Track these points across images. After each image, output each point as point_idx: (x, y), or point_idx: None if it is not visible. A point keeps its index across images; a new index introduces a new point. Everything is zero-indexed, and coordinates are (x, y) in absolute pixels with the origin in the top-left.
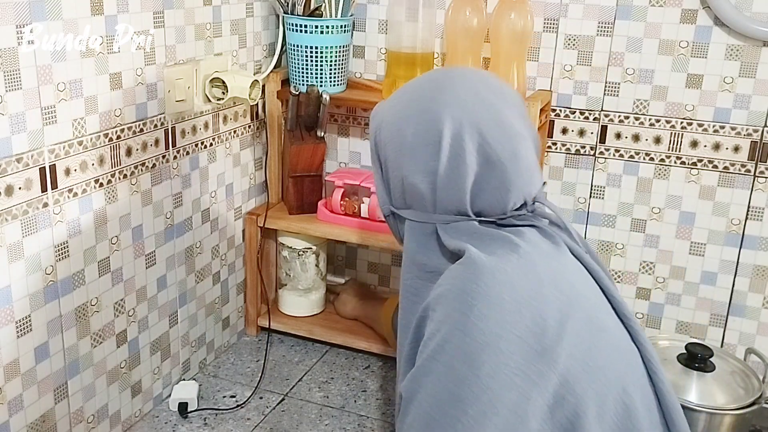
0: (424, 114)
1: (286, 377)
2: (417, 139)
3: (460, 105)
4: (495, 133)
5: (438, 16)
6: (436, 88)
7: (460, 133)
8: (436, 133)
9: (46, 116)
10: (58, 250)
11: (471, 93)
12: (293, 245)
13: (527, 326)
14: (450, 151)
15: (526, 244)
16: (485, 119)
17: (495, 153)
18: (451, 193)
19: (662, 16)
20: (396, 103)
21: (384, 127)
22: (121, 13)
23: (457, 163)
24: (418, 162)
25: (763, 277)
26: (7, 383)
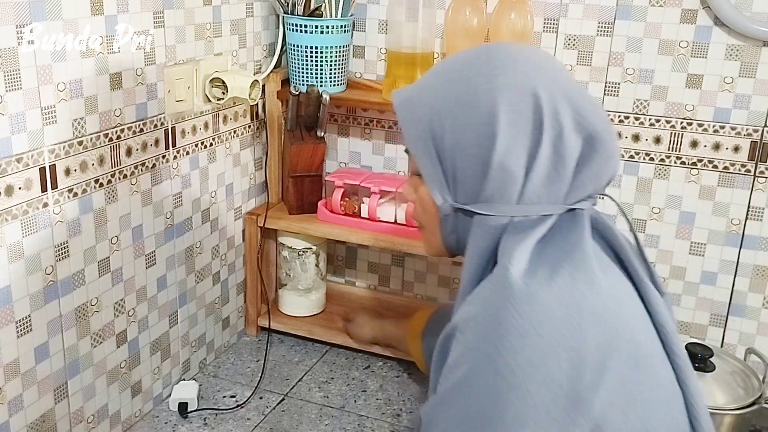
0: (514, 88)
1: (286, 377)
2: (513, 117)
3: (545, 75)
4: (586, 104)
5: (438, 16)
6: (513, 61)
7: (556, 106)
8: (534, 106)
9: (46, 116)
10: (58, 250)
11: (546, 62)
12: (293, 245)
13: (563, 369)
14: (552, 127)
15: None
16: (571, 89)
17: (592, 126)
18: (550, 176)
19: (662, 16)
20: (454, 81)
21: (447, 110)
22: (121, 13)
23: (559, 140)
24: (514, 142)
25: (763, 277)
26: (7, 383)
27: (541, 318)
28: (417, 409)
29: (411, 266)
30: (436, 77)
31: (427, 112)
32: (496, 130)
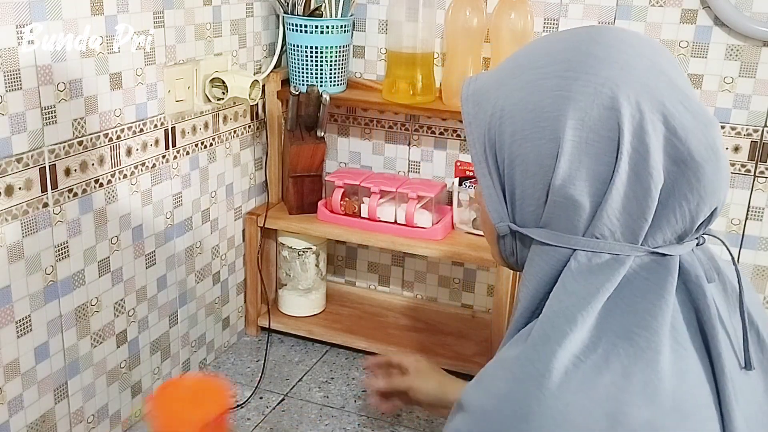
0: (588, 97)
1: (286, 377)
2: (581, 134)
3: (633, 80)
4: (685, 120)
5: (438, 16)
6: (593, 58)
7: (641, 122)
8: (612, 124)
9: (46, 116)
10: (58, 250)
11: (643, 61)
12: (293, 245)
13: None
14: (632, 150)
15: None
16: (669, 100)
17: (687, 149)
18: (625, 209)
19: (662, 16)
20: (525, 82)
21: (510, 116)
22: (121, 13)
23: (640, 166)
24: (582, 167)
25: (763, 277)
26: (7, 383)
27: (576, 425)
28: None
29: (411, 266)
30: (512, 67)
31: (489, 113)
32: (559, 150)
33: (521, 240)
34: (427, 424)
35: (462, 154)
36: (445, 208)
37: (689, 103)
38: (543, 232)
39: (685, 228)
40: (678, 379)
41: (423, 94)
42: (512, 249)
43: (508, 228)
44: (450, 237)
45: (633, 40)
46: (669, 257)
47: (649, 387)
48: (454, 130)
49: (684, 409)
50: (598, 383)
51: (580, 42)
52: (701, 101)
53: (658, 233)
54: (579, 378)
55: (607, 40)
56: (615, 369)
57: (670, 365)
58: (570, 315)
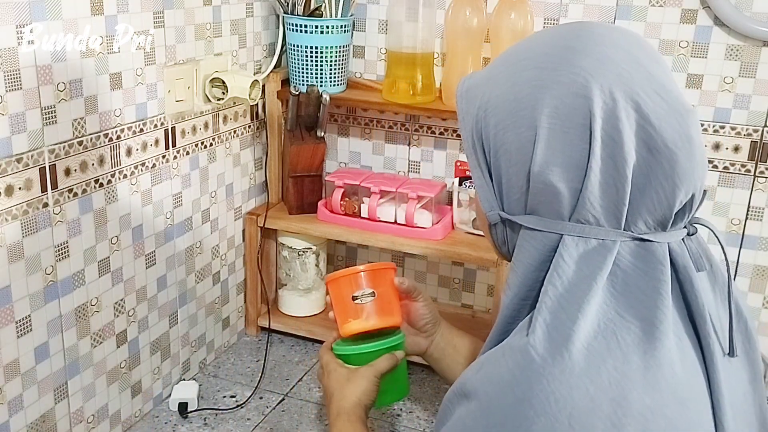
0: (563, 86)
1: (286, 377)
2: (556, 121)
3: (608, 71)
4: (658, 108)
5: (438, 16)
6: (569, 49)
7: (614, 110)
8: (584, 112)
9: (46, 116)
10: (58, 250)
11: (619, 53)
12: (293, 245)
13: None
14: (603, 136)
15: (630, 338)
16: (644, 89)
17: (660, 136)
18: (602, 194)
19: (662, 16)
20: (508, 75)
21: (494, 107)
22: (121, 13)
23: (614, 152)
24: (557, 153)
25: (763, 277)
26: (7, 383)
27: (580, 409)
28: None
29: (411, 266)
30: (499, 63)
31: (476, 107)
32: (536, 137)
33: (511, 227)
34: (427, 424)
35: (462, 154)
36: (445, 208)
37: (665, 93)
38: (530, 218)
39: (664, 214)
40: (676, 367)
41: (423, 94)
42: (504, 237)
43: (499, 216)
44: (450, 237)
45: (613, 34)
46: (657, 245)
47: (650, 374)
48: (454, 130)
49: (682, 397)
50: (601, 369)
51: (561, 36)
52: (681, 92)
53: (639, 219)
54: (582, 364)
55: (587, 34)
56: (617, 356)
57: (667, 353)
58: (567, 303)
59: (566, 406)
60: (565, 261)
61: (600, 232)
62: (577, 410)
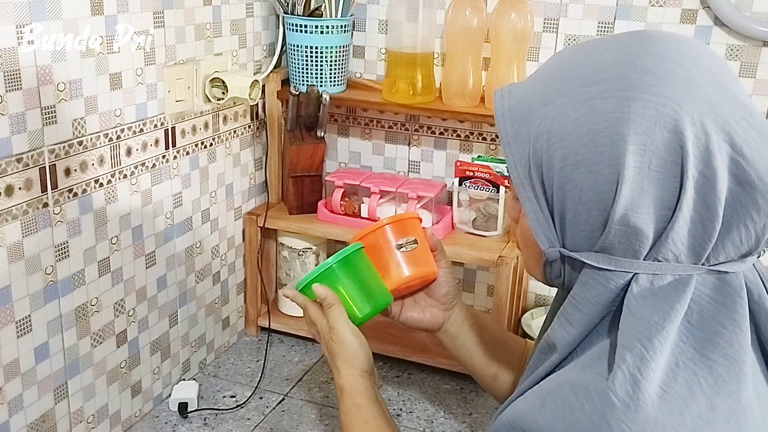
0: (648, 121)
1: (286, 377)
2: (644, 161)
3: (696, 99)
4: (750, 139)
5: (438, 16)
6: (651, 76)
7: (707, 145)
8: (676, 149)
9: (46, 116)
10: (58, 250)
11: (705, 76)
12: (293, 245)
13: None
14: (696, 174)
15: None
16: (734, 117)
17: (754, 169)
18: (690, 234)
19: (662, 16)
20: (575, 99)
21: (559, 139)
22: (121, 13)
23: (707, 191)
24: (645, 195)
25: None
26: (7, 383)
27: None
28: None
29: None
30: (557, 83)
31: (533, 134)
32: (620, 176)
33: (571, 264)
34: (427, 424)
35: (462, 154)
36: (445, 208)
37: (753, 119)
38: (600, 257)
39: (749, 248)
40: (756, 410)
41: (423, 94)
42: (560, 272)
43: (559, 253)
44: (450, 237)
45: (691, 52)
46: (732, 275)
47: (733, 418)
48: (454, 130)
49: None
50: (685, 415)
51: (634, 55)
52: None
53: (722, 253)
54: (665, 410)
55: (663, 52)
56: (700, 400)
57: (750, 394)
58: (646, 342)
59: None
60: (638, 299)
61: (677, 269)
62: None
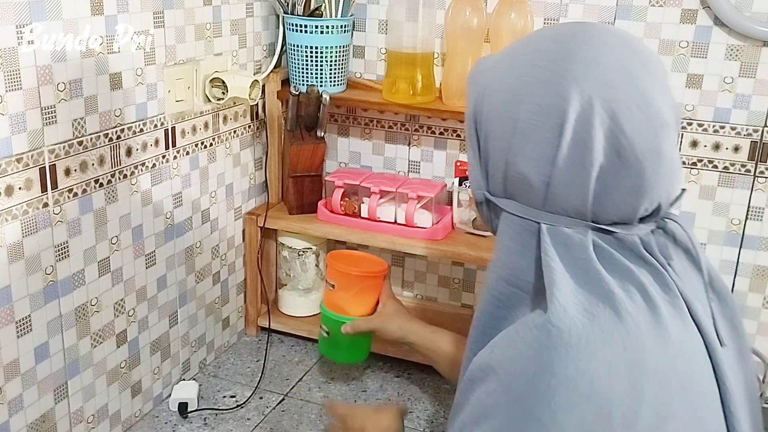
0: (545, 86)
1: (286, 377)
2: (532, 117)
3: (592, 77)
4: (634, 120)
5: (438, 16)
6: (565, 51)
7: (589, 115)
8: (558, 112)
9: (46, 116)
10: (58, 250)
11: (610, 62)
12: (293, 245)
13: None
14: (574, 137)
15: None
16: (624, 99)
17: (630, 146)
18: (568, 189)
19: (662, 16)
20: (509, 67)
21: (489, 95)
22: (121, 13)
23: (582, 153)
24: (531, 147)
25: (763, 277)
26: (7, 383)
27: (599, 374)
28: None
29: (411, 266)
30: (505, 53)
31: (477, 92)
32: (514, 129)
33: (494, 208)
34: (427, 424)
35: (462, 154)
36: (445, 208)
37: (646, 106)
38: (509, 203)
39: (628, 217)
40: (676, 329)
41: (423, 94)
42: (489, 216)
43: (483, 195)
44: (450, 237)
45: (612, 42)
46: (622, 235)
47: (658, 337)
48: (454, 130)
49: (688, 355)
50: (614, 336)
51: (561, 35)
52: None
53: (604, 216)
54: (598, 333)
55: (586, 37)
56: (628, 323)
57: (666, 318)
58: (573, 281)
59: (587, 372)
60: (553, 246)
61: (571, 223)
62: (597, 375)
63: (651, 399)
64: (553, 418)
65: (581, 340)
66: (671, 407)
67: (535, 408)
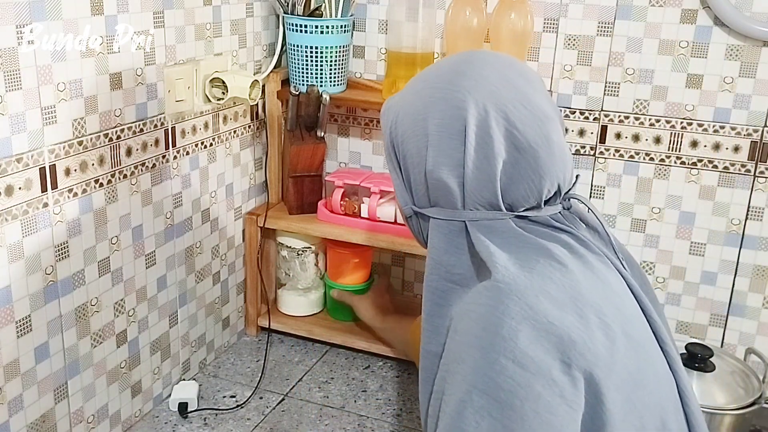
0: (445, 102)
1: (286, 377)
2: (440, 129)
3: (482, 88)
4: (523, 117)
5: (438, 16)
6: (455, 73)
7: (486, 119)
8: (460, 121)
9: (46, 116)
10: (58, 250)
11: (494, 74)
12: (293, 245)
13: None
14: (476, 140)
15: (566, 255)
16: (511, 102)
17: (524, 138)
18: (480, 185)
19: (662, 16)
20: (412, 94)
21: (400, 121)
22: (121, 13)
23: (485, 152)
24: (442, 155)
25: (763, 277)
26: (7, 383)
27: (549, 309)
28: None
29: (411, 266)
30: (412, 83)
31: (390, 121)
32: (427, 143)
33: (422, 218)
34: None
35: None
36: None
37: (529, 104)
38: (434, 210)
39: (537, 200)
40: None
41: None
42: (419, 227)
43: (411, 210)
44: None
45: (493, 60)
46: (535, 217)
47: (588, 274)
48: None
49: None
50: (554, 278)
51: (455, 62)
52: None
53: (515, 203)
54: (539, 279)
55: (474, 60)
56: (560, 268)
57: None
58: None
59: (539, 309)
60: (480, 237)
61: (489, 215)
62: (548, 310)
63: (595, 326)
64: (524, 354)
65: (527, 287)
66: (614, 330)
67: (506, 351)
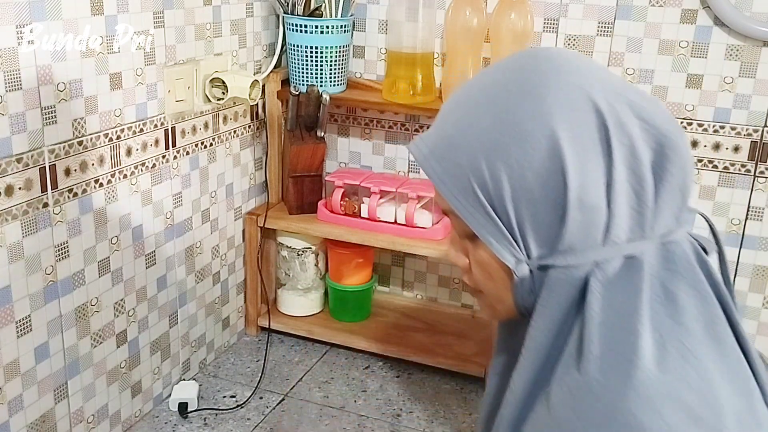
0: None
1: (286, 377)
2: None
3: (594, 80)
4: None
5: (438, 16)
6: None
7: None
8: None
9: (46, 116)
10: (58, 250)
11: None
12: (293, 245)
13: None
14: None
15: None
16: (625, 91)
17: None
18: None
19: (662, 16)
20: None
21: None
22: (121, 13)
23: (629, 158)
24: (586, 168)
25: (763, 277)
26: (7, 383)
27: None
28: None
29: (411, 266)
30: (465, 111)
31: (466, 158)
32: (563, 163)
33: (540, 275)
34: (427, 424)
35: None
36: None
37: (634, 89)
38: (567, 256)
39: (680, 205)
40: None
41: (423, 94)
42: (530, 288)
43: (527, 267)
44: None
45: (569, 52)
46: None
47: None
48: None
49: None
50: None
51: (522, 67)
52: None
53: (661, 219)
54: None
55: (542, 54)
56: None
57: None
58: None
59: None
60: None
61: (629, 248)
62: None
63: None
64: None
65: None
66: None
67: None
